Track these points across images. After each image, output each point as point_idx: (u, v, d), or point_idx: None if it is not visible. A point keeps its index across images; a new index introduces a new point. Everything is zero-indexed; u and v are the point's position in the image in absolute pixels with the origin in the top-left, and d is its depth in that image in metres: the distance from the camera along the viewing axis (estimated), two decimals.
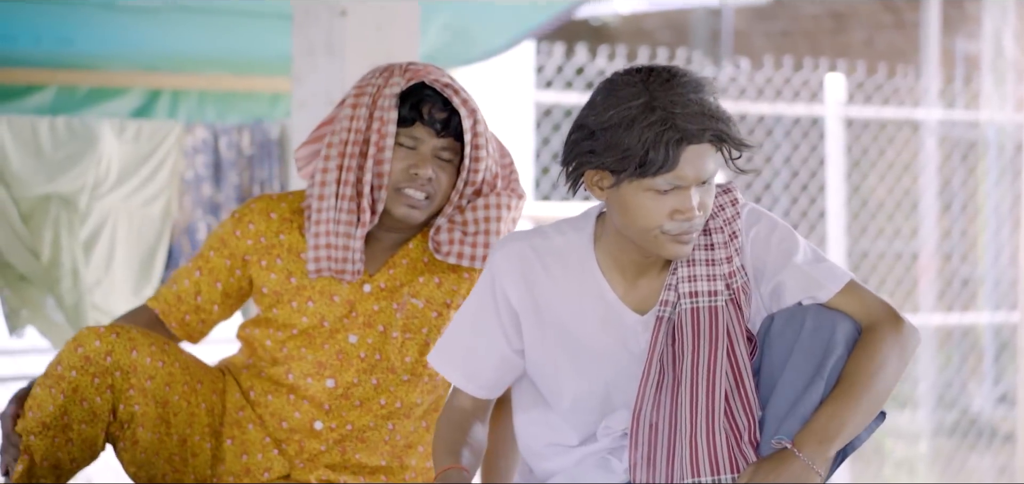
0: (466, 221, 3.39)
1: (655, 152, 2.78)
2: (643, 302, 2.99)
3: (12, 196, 5.10)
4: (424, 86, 3.32)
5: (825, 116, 8.44)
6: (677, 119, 2.79)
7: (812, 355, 2.87)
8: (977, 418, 9.63)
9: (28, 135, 5.11)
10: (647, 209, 2.84)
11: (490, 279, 3.02)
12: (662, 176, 2.80)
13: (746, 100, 8.86)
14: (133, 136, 5.28)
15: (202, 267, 3.44)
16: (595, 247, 2.99)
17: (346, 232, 3.32)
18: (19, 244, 5.12)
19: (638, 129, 2.79)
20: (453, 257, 3.39)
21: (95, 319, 5.46)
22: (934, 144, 9.50)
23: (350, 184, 3.32)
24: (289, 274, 3.39)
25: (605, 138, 2.82)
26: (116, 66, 5.55)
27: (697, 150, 2.82)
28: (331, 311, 3.38)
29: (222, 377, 3.43)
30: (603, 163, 2.84)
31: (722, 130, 2.83)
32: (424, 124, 3.31)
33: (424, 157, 3.31)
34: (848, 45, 11.52)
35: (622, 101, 2.82)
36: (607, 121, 2.82)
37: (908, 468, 9.04)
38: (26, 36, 5.34)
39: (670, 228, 2.85)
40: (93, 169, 5.19)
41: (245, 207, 3.44)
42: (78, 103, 5.49)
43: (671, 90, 2.81)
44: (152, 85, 5.62)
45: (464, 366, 3.07)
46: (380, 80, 3.34)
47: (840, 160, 8.36)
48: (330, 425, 3.39)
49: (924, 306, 9.52)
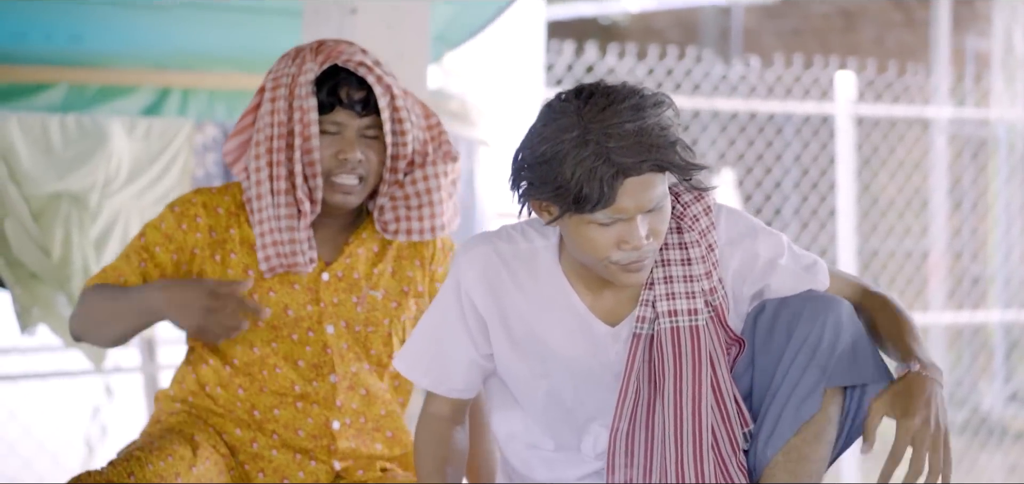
0: (407, 195, 3.38)
1: (589, 188, 2.65)
2: (611, 313, 2.91)
3: (23, 194, 5.10)
4: (338, 69, 3.29)
5: (835, 114, 8.43)
6: (612, 153, 2.65)
7: (806, 346, 2.85)
8: (987, 417, 9.61)
9: (39, 133, 5.11)
10: (592, 241, 2.73)
11: (455, 284, 2.95)
12: (600, 211, 2.69)
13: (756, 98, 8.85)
14: (143, 134, 5.28)
15: (146, 260, 3.34)
16: (560, 256, 2.91)
17: (289, 226, 3.29)
18: (30, 242, 5.12)
19: (570, 164, 2.65)
20: (402, 234, 3.38)
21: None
22: (944, 142, 9.49)
23: (282, 178, 3.28)
24: (245, 267, 3.35)
25: (540, 172, 2.70)
26: (126, 64, 5.55)
27: (636, 182, 2.67)
28: (293, 298, 3.34)
29: (203, 424, 3.34)
30: (542, 196, 2.73)
31: (662, 159, 2.67)
32: (344, 107, 3.28)
33: (349, 140, 3.28)
34: (858, 43, 11.51)
35: (555, 133, 2.68)
36: (541, 156, 2.69)
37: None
38: (36, 33, 5.34)
39: (618, 258, 2.75)
40: (103, 167, 5.19)
41: (184, 201, 3.37)
42: (88, 101, 5.49)
43: (606, 120, 2.66)
44: (162, 83, 5.61)
45: (434, 371, 3.02)
46: (293, 68, 3.30)
47: (850, 158, 8.34)
48: (345, 421, 3.37)
49: (934, 305, 9.51)
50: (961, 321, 9.42)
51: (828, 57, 9.43)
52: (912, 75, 9.32)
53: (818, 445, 2.84)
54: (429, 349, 3.02)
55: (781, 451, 2.84)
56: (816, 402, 2.83)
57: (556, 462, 3.05)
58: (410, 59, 4.44)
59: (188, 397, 3.39)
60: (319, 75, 3.29)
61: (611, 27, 12.60)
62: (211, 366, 3.37)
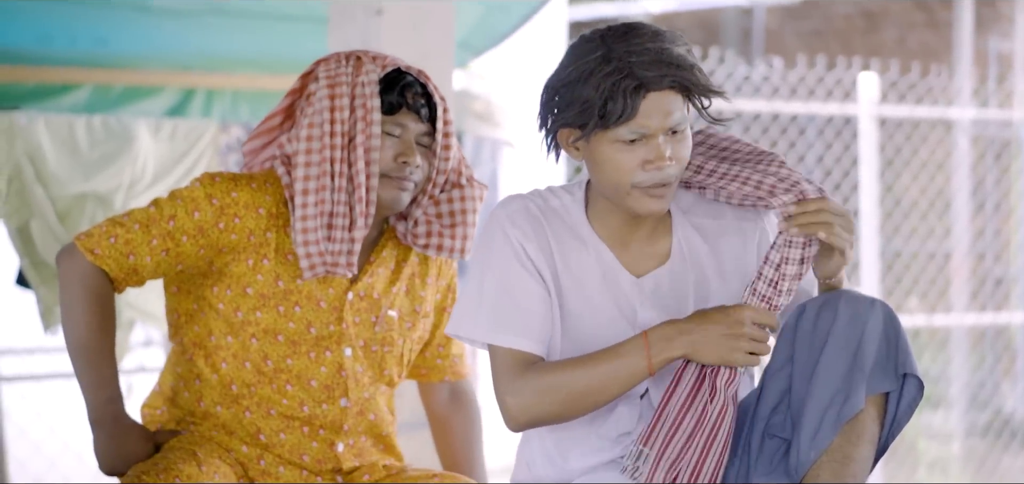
0: (441, 213, 3.37)
1: (613, 102, 2.80)
2: (635, 264, 2.98)
3: (49, 195, 5.12)
4: (400, 73, 3.28)
5: (858, 115, 8.42)
6: (634, 67, 2.80)
7: (847, 346, 2.86)
8: (1010, 418, 9.59)
9: (65, 134, 5.13)
10: (616, 162, 2.85)
11: (504, 238, 2.96)
12: (624, 126, 2.82)
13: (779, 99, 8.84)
14: (169, 135, 5.30)
15: (170, 249, 3.21)
16: (588, 212, 2.99)
17: (342, 226, 3.23)
18: (56, 243, 5.14)
19: (595, 80, 2.81)
20: (432, 250, 3.36)
21: (128, 318, 5.49)
22: (967, 143, 9.46)
23: (343, 176, 3.24)
24: (277, 277, 3.26)
25: (567, 94, 2.85)
26: (150, 66, 5.57)
27: (658, 97, 2.82)
28: (318, 317, 3.28)
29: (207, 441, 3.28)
30: (569, 120, 2.85)
31: (683, 77, 2.82)
32: (409, 110, 3.27)
33: (410, 144, 3.27)
34: (880, 44, 11.49)
35: (580, 56, 2.84)
36: (567, 77, 2.84)
37: (941, 469, 9.01)
38: (62, 37, 5.35)
39: (642, 180, 2.85)
40: (129, 168, 5.21)
41: (225, 193, 3.24)
42: (113, 102, 5.50)
43: (628, 41, 2.83)
44: (186, 84, 5.63)
45: (520, 327, 2.95)
46: (349, 69, 3.27)
47: (873, 159, 8.33)
48: (349, 442, 3.35)
49: (957, 306, 9.48)
50: (984, 322, 9.39)
51: (850, 58, 9.41)
52: (935, 76, 9.29)
53: (861, 445, 2.85)
54: (504, 305, 2.95)
55: (825, 452, 2.84)
56: (858, 402, 2.83)
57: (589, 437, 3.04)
58: (435, 60, 4.44)
59: (185, 417, 3.33)
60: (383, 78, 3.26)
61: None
62: (213, 383, 3.30)
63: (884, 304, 2.90)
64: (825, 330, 2.88)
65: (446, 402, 3.59)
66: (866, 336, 2.86)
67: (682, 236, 3.00)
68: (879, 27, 11.63)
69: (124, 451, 3.22)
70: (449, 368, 3.56)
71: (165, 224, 3.21)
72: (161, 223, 3.21)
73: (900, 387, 2.89)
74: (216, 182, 3.24)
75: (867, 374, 2.84)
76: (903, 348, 2.89)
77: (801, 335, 2.90)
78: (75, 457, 6.82)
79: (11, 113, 5.05)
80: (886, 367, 2.87)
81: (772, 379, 2.93)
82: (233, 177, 3.26)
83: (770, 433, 2.93)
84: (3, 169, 5.05)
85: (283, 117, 3.37)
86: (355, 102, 3.25)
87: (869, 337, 2.86)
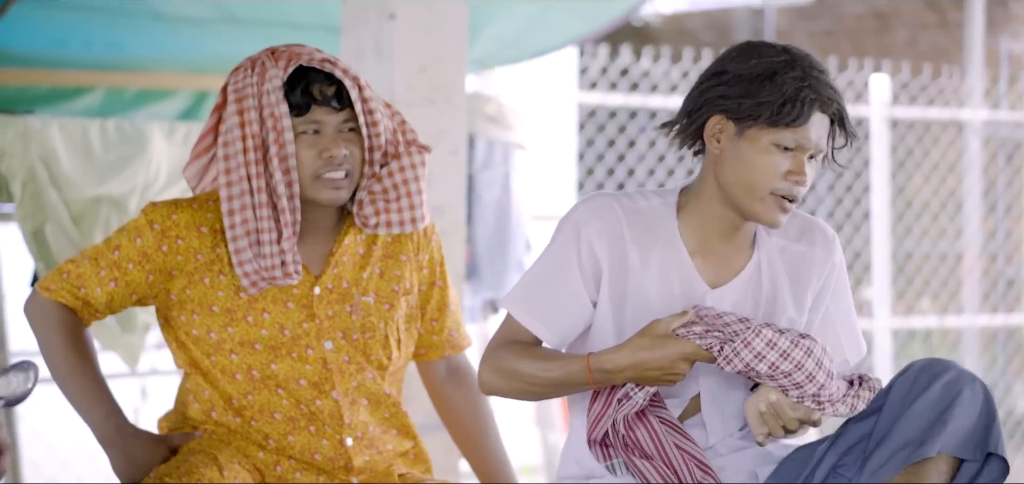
0: (385, 188, 3.32)
1: (791, 105, 2.90)
2: (713, 274, 3.04)
3: (63, 198, 5.13)
4: (303, 69, 3.22)
5: (870, 117, 8.42)
6: (814, 83, 2.92)
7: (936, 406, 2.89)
8: (1022, 419, 9.58)
9: (79, 138, 5.14)
10: (764, 164, 2.93)
11: (574, 231, 3.03)
12: (791, 130, 2.91)
13: None
14: (182, 138, 5.30)
15: (118, 279, 3.25)
16: (678, 216, 3.05)
17: (269, 241, 3.20)
18: (70, 246, 5.14)
19: (780, 79, 2.90)
20: (382, 227, 3.33)
21: (144, 321, 5.49)
22: (979, 145, 9.46)
23: (263, 190, 3.20)
24: (237, 289, 3.26)
25: (744, 85, 2.93)
26: (164, 69, 5.58)
27: (822, 119, 2.94)
28: (289, 318, 3.27)
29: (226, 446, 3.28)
30: (734, 108, 2.94)
31: (844, 111, 2.97)
32: (319, 105, 3.21)
33: (331, 137, 3.22)
34: (892, 45, 11.48)
35: (764, 55, 2.94)
36: (750, 69, 2.93)
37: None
38: (76, 42, 5.37)
39: (780, 188, 2.93)
40: (143, 171, 5.21)
41: (165, 218, 3.26)
42: (126, 105, 5.51)
43: (809, 60, 2.95)
44: (199, 87, 5.64)
45: (542, 314, 3.06)
46: (254, 78, 3.22)
47: (885, 161, 8.33)
48: (357, 434, 3.33)
49: (969, 307, 9.48)
50: (995, 324, 9.39)
51: (862, 59, 9.41)
52: (946, 77, 9.29)
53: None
54: (538, 293, 3.07)
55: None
56: (930, 450, 2.86)
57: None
58: (448, 62, 4.46)
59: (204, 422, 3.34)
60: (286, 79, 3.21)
61: (644, 28, 12.59)
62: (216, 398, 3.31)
63: (984, 385, 2.93)
64: (920, 390, 2.91)
65: (444, 379, 3.56)
66: (958, 402, 2.88)
67: (764, 255, 3.07)
68: (890, 28, 11.62)
69: (137, 460, 3.26)
70: (446, 343, 3.53)
71: (111, 255, 3.26)
72: (107, 255, 3.26)
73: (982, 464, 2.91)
74: (157, 208, 3.27)
75: (948, 432, 2.86)
76: (995, 429, 2.91)
77: (896, 390, 2.94)
78: (88, 459, 6.83)
79: (25, 117, 5.06)
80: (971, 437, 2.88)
81: (856, 423, 2.97)
82: (174, 201, 3.30)
83: (837, 470, 2.96)
84: (17, 173, 5.06)
85: (213, 136, 3.33)
86: (263, 112, 3.20)
87: (961, 404, 2.88)
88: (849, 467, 2.95)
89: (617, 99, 8.04)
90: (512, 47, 5.79)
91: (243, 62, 3.26)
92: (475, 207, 5.93)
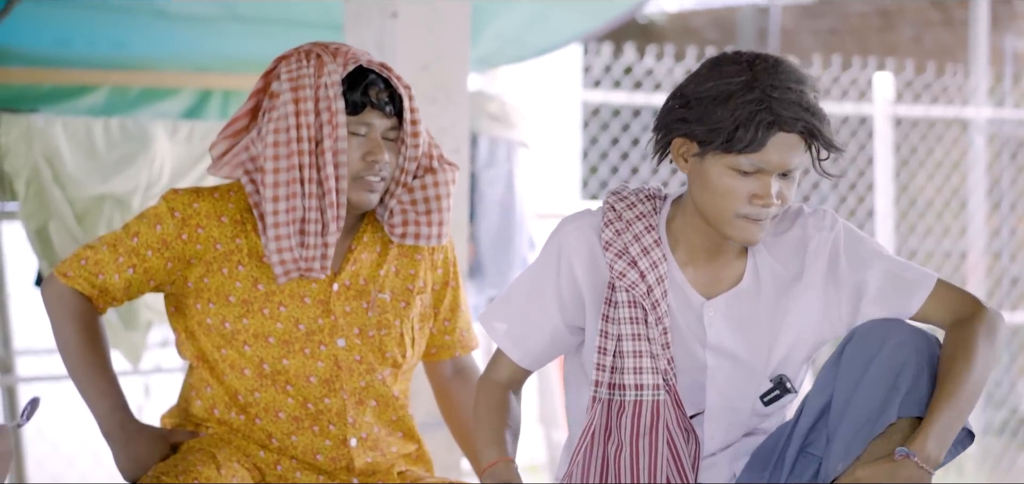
0: (416, 200, 3.34)
1: (744, 130, 2.82)
2: (706, 286, 3.01)
3: (67, 197, 5.14)
4: (362, 70, 3.24)
5: (873, 115, 8.42)
6: (773, 103, 2.83)
7: (890, 369, 2.87)
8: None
9: (83, 136, 5.15)
10: (726, 188, 2.87)
11: (556, 251, 3.04)
12: (746, 156, 2.84)
13: None
14: (186, 137, 5.31)
15: (136, 265, 3.25)
16: (668, 228, 3.02)
17: (315, 232, 3.22)
18: (73, 244, 5.15)
19: (733, 104, 2.83)
20: (410, 238, 3.34)
21: (146, 319, 5.50)
22: (983, 142, 9.45)
23: (314, 181, 3.21)
24: (255, 281, 3.26)
25: (699, 108, 2.87)
26: (168, 68, 5.59)
27: (785, 139, 2.85)
28: (305, 312, 3.28)
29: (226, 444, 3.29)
30: (692, 132, 2.88)
31: (814, 125, 2.86)
32: (374, 107, 3.24)
33: (377, 142, 3.24)
34: (896, 43, 11.48)
35: (723, 76, 2.87)
36: (705, 92, 2.87)
37: (957, 467, 9.00)
38: (80, 40, 5.38)
39: (746, 211, 2.88)
40: (147, 170, 5.22)
41: (186, 206, 3.27)
42: (130, 104, 5.52)
43: (773, 76, 2.85)
44: (203, 86, 5.64)
45: (513, 331, 3.08)
46: (310, 69, 3.23)
47: (888, 159, 8.33)
48: (361, 435, 3.34)
49: None
50: None
51: (866, 57, 9.41)
52: (950, 75, 9.29)
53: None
54: (515, 311, 3.09)
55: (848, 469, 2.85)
56: (890, 416, 2.84)
57: None
58: (450, 61, 4.46)
59: (201, 425, 3.35)
60: (345, 77, 3.23)
61: (648, 27, 12.59)
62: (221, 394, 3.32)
63: (933, 337, 2.91)
64: (871, 354, 2.89)
65: (450, 378, 3.57)
66: (908, 362, 2.86)
67: (758, 259, 3.02)
68: (895, 26, 11.62)
69: (139, 455, 3.28)
70: (458, 344, 3.54)
71: (130, 242, 3.26)
72: (126, 241, 3.27)
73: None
74: (178, 195, 3.28)
75: (902, 395, 2.85)
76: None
77: (847, 357, 2.92)
78: (92, 456, 6.84)
79: (29, 115, 5.07)
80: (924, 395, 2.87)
81: (815, 397, 2.95)
82: (196, 190, 3.30)
83: (805, 451, 2.95)
84: (21, 171, 5.07)
85: (249, 119, 3.34)
86: (319, 104, 3.22)
87: (910, 363, 2.86)
88: (815, 445, 2.93)
89: (621, 97, 8.04)
90: (515, 45, 5.81)
91: (291, 52, 3.27)
92: (478, 206, 5.94)
